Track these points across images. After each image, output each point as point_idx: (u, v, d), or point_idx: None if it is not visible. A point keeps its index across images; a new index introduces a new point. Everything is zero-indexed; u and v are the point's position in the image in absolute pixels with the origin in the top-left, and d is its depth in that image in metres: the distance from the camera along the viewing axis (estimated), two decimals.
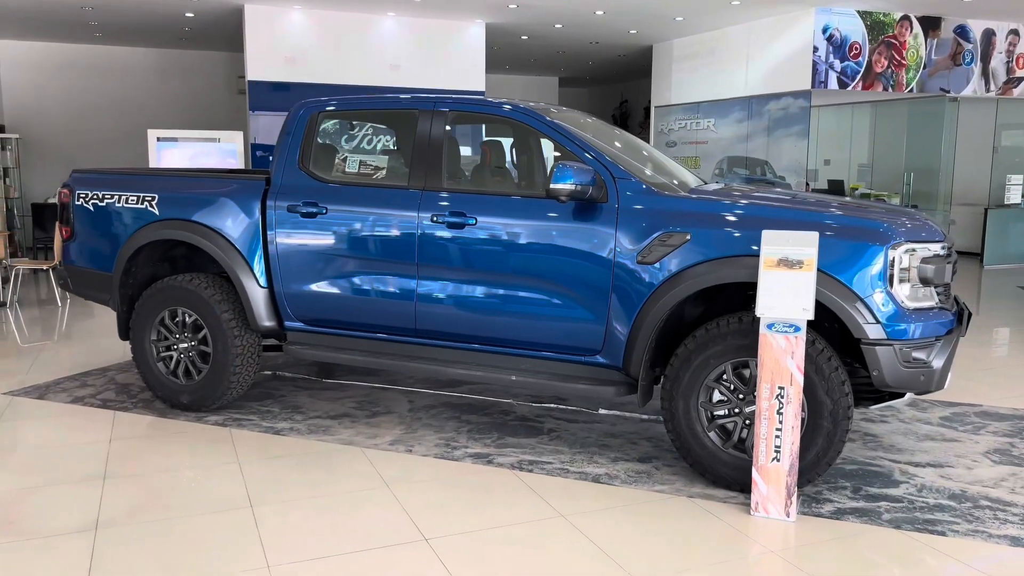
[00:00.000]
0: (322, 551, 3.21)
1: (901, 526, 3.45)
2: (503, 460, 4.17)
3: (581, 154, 4.11)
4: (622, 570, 3.07)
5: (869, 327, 3.51)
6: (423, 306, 4.36)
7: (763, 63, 11.62)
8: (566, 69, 17.80)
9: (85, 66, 14.14)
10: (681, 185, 4.31)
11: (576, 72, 18.20)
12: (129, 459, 4.20)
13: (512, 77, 18.65)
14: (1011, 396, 5.41)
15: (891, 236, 3.57)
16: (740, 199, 4.00)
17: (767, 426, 3.49)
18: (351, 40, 11.29)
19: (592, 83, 20.18)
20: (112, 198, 5.05)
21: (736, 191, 4.33)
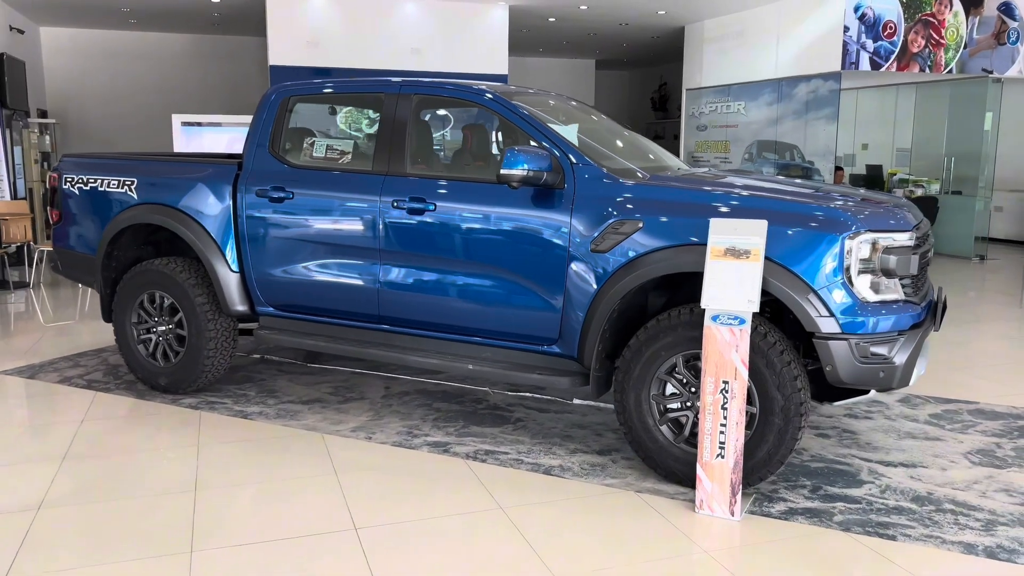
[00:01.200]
0: (249, 537, 3.21)
1: (851, 529, 3.30)
2: (460, 449, 4.12)
3: (540, 138, 4.01)
4: (542, 565, 3.00)
5: (822, 320, 3.35)
6: (385, 292, 4.33)
7: (793, 44, 11.25)
8: (601, 52, 17.54)
9: (122, 52, 14.44)
10: (654, 171, 4.17)
11: (612, 55, 17.92)
12: (93, 440, 4.26)
13: (547, 60, 18.47)
14: (1013, 393, 5.15)
15: (848, 225, 3.39)
16: (699, 185, 3.85)
17: (712, 421, 3.37)
18: (373, 24, 11.28)
19: (630, 66, 19.86)
20: (96, 182, 5.12)
21: (704, 177, 4.17)
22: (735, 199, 3.64)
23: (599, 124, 4.96)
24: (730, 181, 4.02)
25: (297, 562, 3.02)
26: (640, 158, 4.57)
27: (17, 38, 12.25)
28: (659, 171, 4.23)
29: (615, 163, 4.10)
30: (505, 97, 4.22)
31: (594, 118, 5.02)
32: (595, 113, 5.14)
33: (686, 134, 13.82)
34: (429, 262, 4.20)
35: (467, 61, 11.65)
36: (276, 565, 3.00)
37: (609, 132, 4.85)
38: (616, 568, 3.00)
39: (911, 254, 3.48)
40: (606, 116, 5.20)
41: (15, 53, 11.83)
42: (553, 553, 3.09)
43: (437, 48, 11.54)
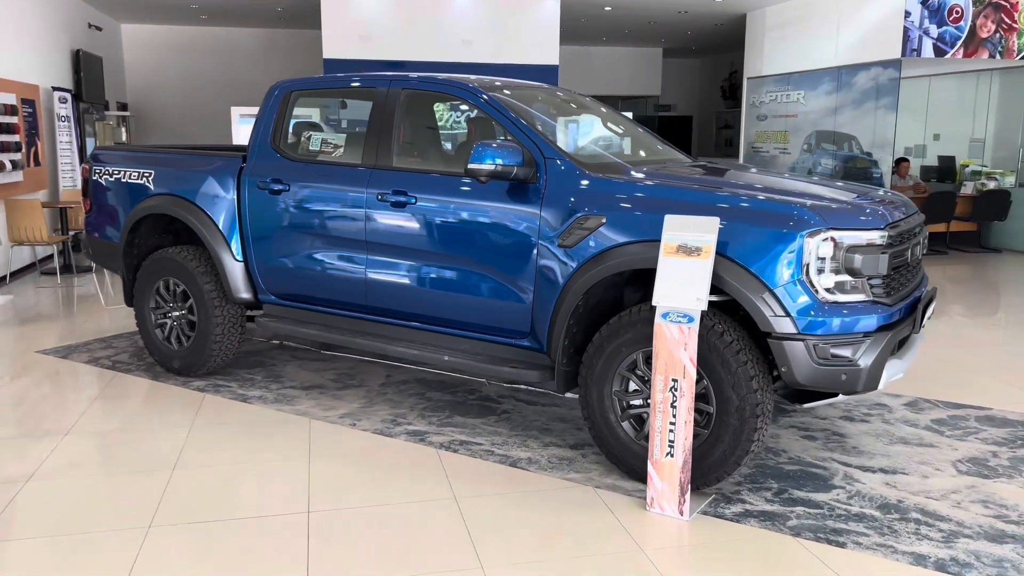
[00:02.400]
0: (206, 516, 3.36)
1: (801, 534, 3.22)
2: (436, 439, 4.19)
3: (516, 133, 4.03)
4: (474, 556, 3.04)
5: (777, 320, 3.27)
6: (372, 283, 4.43)
7: (853, 30, 10.83)
8: (667, 40, 17.25)
9: (194, 47, 15.05)
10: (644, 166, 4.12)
11: (679, 42, 17.61)
12: (98, 418, 4.53)
13: (612, 49, 18.30)
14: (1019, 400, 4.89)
15: (808, 222, 3.29)
16: (666, 181, 3.79)
17: (661, 419, 3.34)
18: (424, 16, 11.41)
19: (699, 54, 19.47)
20: (119, 174, 5.40)
21: (679, 172, 4.09)
22: (696, 195, 3.58)
23: (596, 119, 4.93)
24: (703, 178, 3.94)
25: (241, 542, 3.16)
26: (635, 153, 4.54)
27: (95, 35, 12.93)
28: (648, 166, 4.19)
29: (592, 158, 4.08)
30: (487, 91, 4.25)
31: (593, 113, 4.99)
32: (598, 107, 5.10)
33: (746, 124, 13.50)
34: (411, 254, 4.27)
35: (518, 52, 11.67)
36: (220, 544, 3.14)
37: (607, 127, 4.82)
38: (547, 562, 3.02)
39: (879, 253, 3.35)
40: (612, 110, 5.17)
41: (93, 49, 12.50)
42: (489, 545, 3.13)
43: (487, 40, 11.60)
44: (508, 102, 4.20)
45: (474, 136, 5.05)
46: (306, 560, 3.01)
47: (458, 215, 4.10)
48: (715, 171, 4.34)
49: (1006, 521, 3.33)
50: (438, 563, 3.01)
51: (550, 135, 4.20)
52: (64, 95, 10.52)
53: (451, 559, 3.03)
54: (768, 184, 3.89)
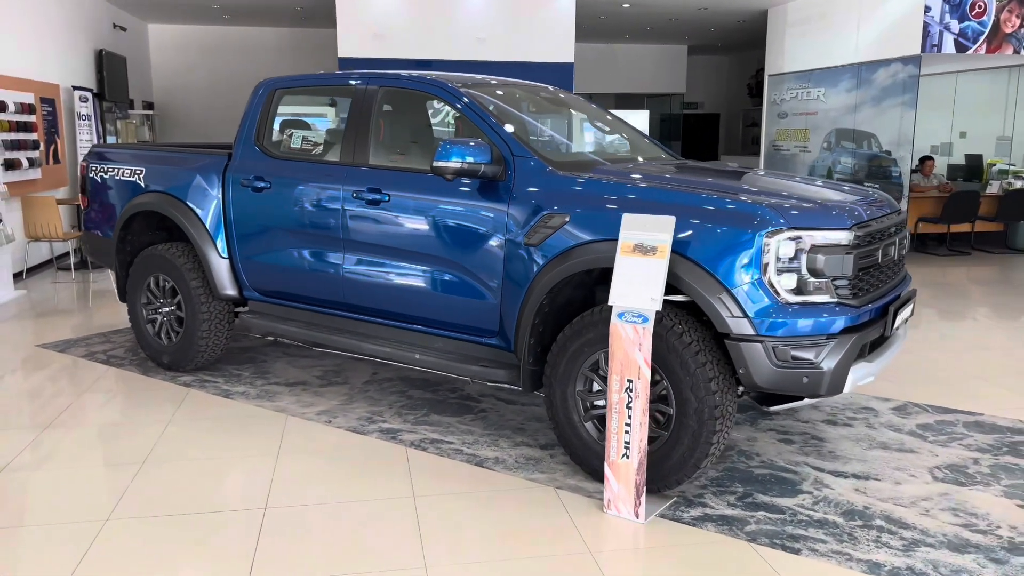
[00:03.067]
0: (163, 510, 3.40)
1: (757, 539, 3.16)
2: (408, 437, 4.19)
3: (486, 130, 4.01)
4: (419, 554, 3.03)
5: (734, 321, 3.21)
6: (348, 280, 4.44)
7: (873, 26, 10.61)
8: (691, 37, 17.07)
9: (219, 46, 15.25)
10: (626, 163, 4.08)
11: (703, 40, 17.42)
12: (82, 411, 4.60)
13: (635, 46, 18.16)
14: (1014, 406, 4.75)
15: (767, 222, 3.22)
16: (632, 179, 3.73)
17: (617, 420, 3.29)
18: (437, 14, 11.42)
19: (725, 51, 19.23)
20: (114, 171, 5.48)
21: (648, 171, 4.04)
22: (659, 194, 3.53)
23: (583, 117, 4.89)
24: (670, 177, 3.87)
25: (193, 536, 3.18)
26: (619, 152, 4.50)
27: (120, 35, 13.16)
28: (629, 165, 4.14)
29: (564, 156, 4.05)
30: (460, 88, 4.23)
31: (580, 111, 4.95)
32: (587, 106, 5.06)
33: (767, 122, 13.30)
34: (385, 252, 4.27)
35: (532, 50, 11.62)
36: (172, 537, 3.17)
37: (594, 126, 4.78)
38: (492, 563, 3.00)
39: (844, 254, 3.27)
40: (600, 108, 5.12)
41: (117, 49, 12.72)
42: (438, 544, 3.12)
43: (502, 38, 11.57)
44: (481, 100, 4.18)
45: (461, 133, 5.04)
46: (253, 555, 3.02)
47: (430, 213, 4.09)
48: (692, 170, 4.27)
49: (973, 530, 3.23)
50: (383, 561, 3.00)
51: (524, 133, 4.18)
52: (85, 94, 10.72)
53: (397, 558, 3.02)
54: (738, 183, 3.82)
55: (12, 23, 9.09)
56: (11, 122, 8.41)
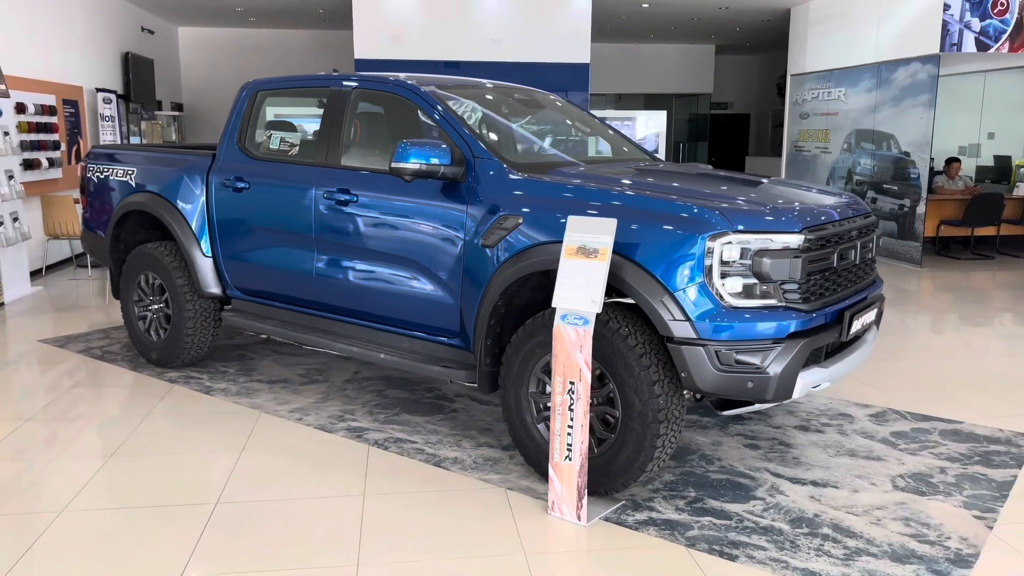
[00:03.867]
0: (115, 503, 3.48)
1: (696, 545, 3.13)
2: (373, 436, 4.22)
3: (449, 131, 4.03)
4: (353, 552, 3.06)
5: (675, 324, 3.18)
6: (320, 280, 4.50)
7: (893, 25, 10.40)
8: (718, 36, 16.91)
9: (245, 48, 15.51)
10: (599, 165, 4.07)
11: (730, 39, 17.23)
12: (65, 405, 4.72)
13: (660, 46, 18.04)
14: (1013, 415, 4.61)
15: (711, 225, 3.19)
16: (587, 181, 3.71)
17: (560, 422, 3.29)
18: (454, 16, 11.47)
19: (754, 50, 18.99)
20: (109, 171, 5.61)
21: (605, 172, 4.02)
22: (607, 196, 3.51)
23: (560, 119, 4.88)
24: (626, 180, 3.85)
25: (139, 529, 3.25)
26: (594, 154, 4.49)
27: (147, 38, 13.45)
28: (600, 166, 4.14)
29: (526, 158, 4.05)
30: (424, 89, 4.25)
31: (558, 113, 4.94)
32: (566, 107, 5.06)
33: (789, 123, 13.11)
34: (354, 252, 4.32)
35: (548, 50, 11.60)
36: (118, 530, 3.24)
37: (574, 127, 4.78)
38: (425, 563, 3.02)
39: (792, 257, 3.22)
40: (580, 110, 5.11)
41: (145, 52, 13.02)
42: (376, 543, 3.14)
43: (517, 38, 11.58)
44: (447, 101, 4.20)
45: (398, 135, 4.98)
46: (193, 549, 3.08)
47: (394, 213, 4.12)
48: (658, 173, 4.24)
49: (921, 541, 3.16)
50: (316, 558, 3.04)
51: (488, 135, 4.19)
52: (109, 96, 10.99)
53: (330, 555, 3.06)
54: (694, 186, 3.79)
55: (37, 28, 9.36)
56: (31, 123, 8.65)
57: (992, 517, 3.36)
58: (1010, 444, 4.16)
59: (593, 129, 5.11)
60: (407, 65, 11.27)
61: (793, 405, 4.72)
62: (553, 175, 3.82)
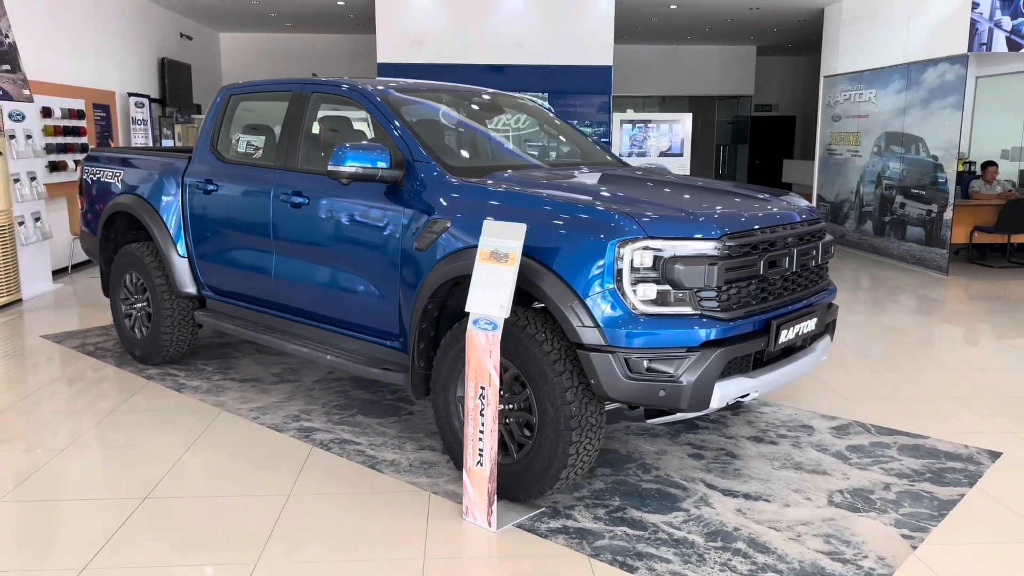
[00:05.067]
0: (47, 495, 3.59)
1: (600, 555, 3.08)
2: (322, 436, 4.27)
3: (392, 134, 4.05)
4: (258, 553, 3.10)
5: (584, 331, 3.14)
6: (279, 281, 4.57)
7: (923, 24, 10.06)
8: (757, 37, 16.61)
9: (282, 52, 15.85)
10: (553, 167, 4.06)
11: (771, 40, 16.90)
12: (40, 398, 4.90)
13: (700, 48, 17.79)
14: (984, 431, 4.42)
15: (622, 231, 3.14)
16: (513, 185, 3.69)
17: (472, 427, 3.28)
18: (476, 19, 11.52)
19: (797, 51, 18.57)
20: (100, 173, 5.80)
21: (539, 176, 3.99)
22: (527, 200, 3.49)
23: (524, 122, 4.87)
24: (551, 183, 3.80)
25: (57, 520, 3.36)
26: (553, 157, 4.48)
27: (185, 44, 13.85)
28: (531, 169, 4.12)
29: (466, 161, 4.05)
30: (375, 93, 4.27)
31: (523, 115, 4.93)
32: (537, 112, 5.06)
33: (822, 125, 12.79)
34: (305, 253, 4.38)
35: (570, 53, 11.56)
36: (37, 520, 3.35)
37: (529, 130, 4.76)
38: (324, 563, 3.04)
39: (708, 264, 3.15)
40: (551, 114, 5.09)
41: (182, 57, 13.42)
42: (283, 542, 3.18)
43: (539, 42, 11.57)
44: (395, 104, 4.22)
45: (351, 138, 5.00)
46: (104, 542, 3.16)
47: (340, 215, 4.16)
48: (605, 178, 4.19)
49: (835, 559, 3.06)
50: (218, 555, 3.09)
51: (433, 138, 4.20)
52: (141, 100, 11.35)
53: (235, 552, 3.10)
54: (620, 190, 3.74)
55: (70, 36, 9.73)
56: (56, 127, 8.99)
57: (920, 537, 3.23)
58: (970, 461, 3.99)
59: (562, 133, 5.08)
60: (429, 69, 11.37)
61: (754, 415, 4.61)
62: (489, 179, 3.81)
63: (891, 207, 10.68)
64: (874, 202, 11.12)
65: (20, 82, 8.18)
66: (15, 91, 8.04)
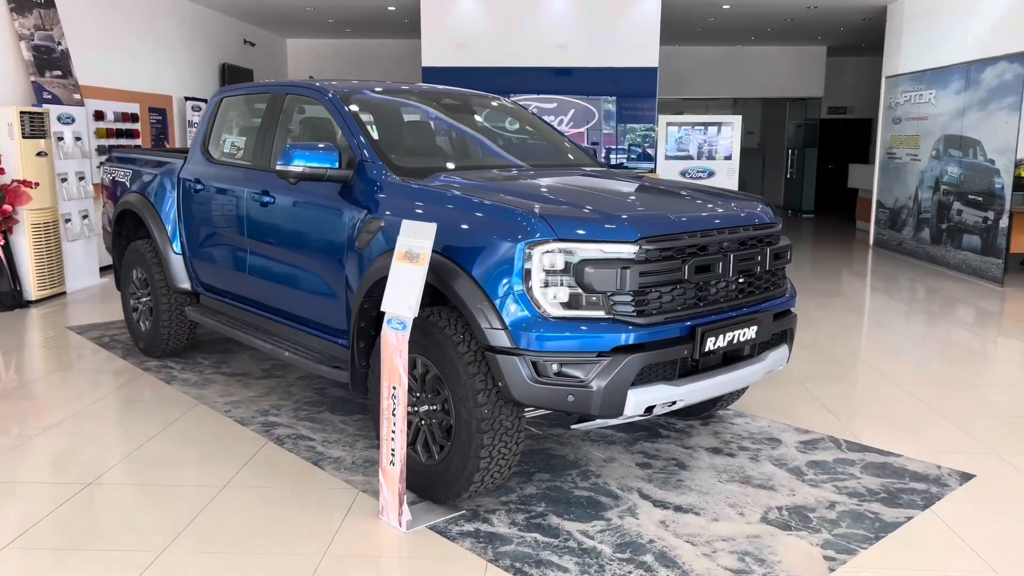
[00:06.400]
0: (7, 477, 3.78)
1: (499, 561, 3.03)
2: (280, 431, 4.35)
3: (347, 133, 4.10)
4: (168, 542, 3.17)
5: (492, 333, 3.10)
6: (252, 278, 4.69)
7: (982, 21, 9.51)
8: (824, 37, 16.03)
9: (345, 57, 16.23)
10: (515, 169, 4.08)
11: (840, 40, 16.29)
12: (40, 385, 5.16)
13: (765, 49, 17.29)
14: (968, 452, 4.14)
15: (532, 232, 3.09)
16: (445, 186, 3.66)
17: (386, 427, 3.28)
18: (519, 22, 11.52)
19: (872, 51, 17.78)
20: (116, 173, 6.08)
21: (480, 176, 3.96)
22: (450, 200, 3.48)
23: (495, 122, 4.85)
24: (488, 184, 3.76)
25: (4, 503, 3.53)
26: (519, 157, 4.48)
27: (248, 49, 14.35)
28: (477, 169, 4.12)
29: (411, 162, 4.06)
30: (332, 92, 4.32)
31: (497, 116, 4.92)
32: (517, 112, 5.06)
33: (883, 128, 12.26)
34: (271, 250, 4.48)
35: (615, 55, 11.44)
36: None
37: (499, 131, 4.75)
38: (225, 555, 3.09)
39: (621, 268, 3.07)
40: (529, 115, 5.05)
41: (244, 63, 13.91)
42: (199, 533, 3.25)
43: (583, 43, 11.48)
44: (353, 103, 4.26)
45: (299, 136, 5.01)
46: (35, 524, 3.30)
47: (300, 214, 4.25)
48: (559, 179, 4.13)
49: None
50: (129, 542, 3.17)
51: (390, 139, 4.22)
52: (198, 104, 11.82)
53: (146, 540, 3.18)
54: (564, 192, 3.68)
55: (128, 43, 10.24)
56: (109, 129, 9.47)
57: (844, 559, 3.05)
58: (935, 483, 3.74)
59: (540, 135, 5.03)
60: (471, 72, 11.44)
61: (724, 425, 4.45)
62: (432, 180, 3.80)
63: (948, 214, 10.14)
64: (931, 208, 10.58)
65: (71, 87, 8.64)
66: (65, 96, 8.51)
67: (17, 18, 8.07)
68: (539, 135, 5.02)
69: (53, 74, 8.43)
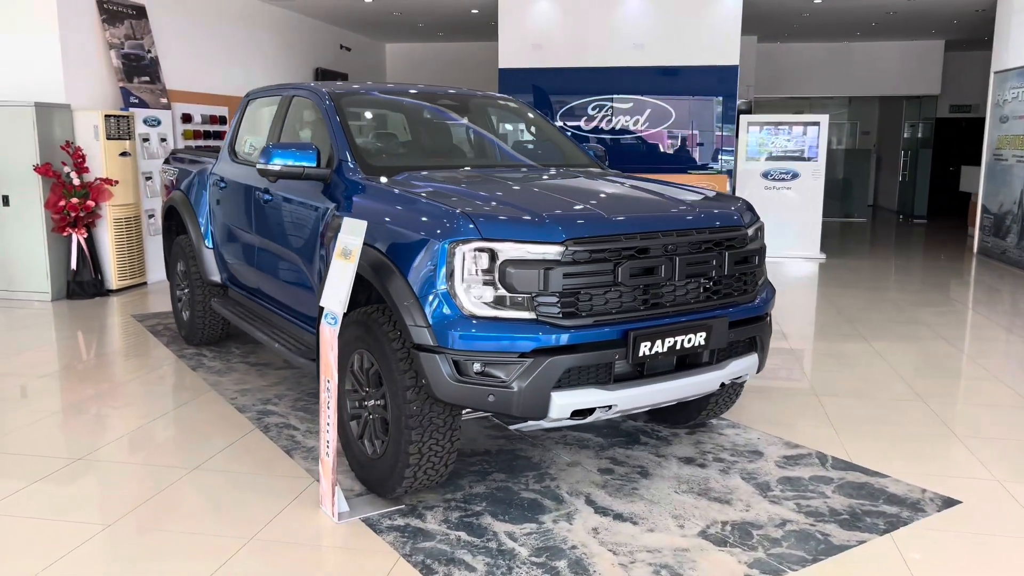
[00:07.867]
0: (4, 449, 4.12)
1: (412, 557, 3.05)
2: (272, 420, 4.52)
3: (331, 132, 4.22)
4: (109, 516, 3.37)
5: (417, 330, 3.13)
6: (259, 271, 4.90)
7: None
8: (939, 31, 15.04)
9: (439, 60, 16.57)
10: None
11: (957, 34, 15.23)
12: (82, 367, 5.57)
13: (876, 44, 16.39)
14: (961, 476, 3.82)
15: (456, 231, 3.09)
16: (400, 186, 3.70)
17: (322, 419, 3.37)
18: (595, 22, 11.41)
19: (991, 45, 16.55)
20: (168, 171, 6.48)
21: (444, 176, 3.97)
22: (391, 198, 3.54)
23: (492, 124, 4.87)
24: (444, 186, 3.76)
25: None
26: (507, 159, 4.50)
27: (343, 54, 14.90)
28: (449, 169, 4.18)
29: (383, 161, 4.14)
30: (322, 94, 4.46)
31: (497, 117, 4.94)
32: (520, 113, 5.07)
33: (990, 127, 11.38)
34: (268, 245, 4.68)
35: (694, 54, 11.15)
36: None
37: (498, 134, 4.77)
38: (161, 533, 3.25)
39: (544, 269, 3.03)
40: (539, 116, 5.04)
41: (339, 67, 14.46)
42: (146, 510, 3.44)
43: (661, 42, 11.25)
44: (342, 105, 4.38)
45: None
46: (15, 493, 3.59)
47: (290, 210, 4.40)
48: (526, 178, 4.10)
49: None
50: (85, 514, 3.40)
51: (373, 139, 4.31)
52: None
53: (102, 513, 3.40)
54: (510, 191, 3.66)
55: (219, 49, 10.86)
56: (196, 131, 10.07)
57: None
58: (911, 507, 3.48)
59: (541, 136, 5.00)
60: (547, 73, 11.46)
61: (711, 435, 4.29)
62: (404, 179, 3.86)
63: None
64: None
65: (158, 91, 9.25)
66: (152, 100, 9.12)
67: (108, 28, 8.72)
68: (541, 136, 4.99)
69: (141, 80, 9.05)
